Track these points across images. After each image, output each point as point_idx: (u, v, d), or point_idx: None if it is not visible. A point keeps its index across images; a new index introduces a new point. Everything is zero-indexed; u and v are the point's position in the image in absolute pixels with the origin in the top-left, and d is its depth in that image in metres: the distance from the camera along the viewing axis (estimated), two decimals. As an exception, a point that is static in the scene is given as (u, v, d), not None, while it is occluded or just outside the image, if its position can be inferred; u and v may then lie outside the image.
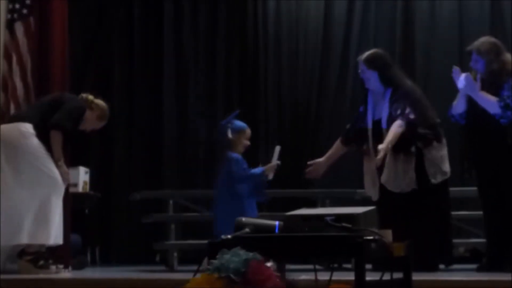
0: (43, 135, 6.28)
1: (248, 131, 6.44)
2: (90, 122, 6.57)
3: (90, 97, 6.61)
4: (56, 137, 6.26)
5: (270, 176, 6.28)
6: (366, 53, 6.49)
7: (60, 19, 6.90)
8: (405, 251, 3.82)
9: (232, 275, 3.17)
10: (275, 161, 6.31)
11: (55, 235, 6.32)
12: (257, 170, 6.30)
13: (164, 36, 9.01)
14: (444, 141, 6.59)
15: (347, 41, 8.74)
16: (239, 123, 6.42)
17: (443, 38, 8.53)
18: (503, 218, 6.33)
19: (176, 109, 8.96)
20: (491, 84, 6.30)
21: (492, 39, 6.50)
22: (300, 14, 8.86)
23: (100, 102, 6.63)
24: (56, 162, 6.28)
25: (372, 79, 6.40)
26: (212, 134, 8.89)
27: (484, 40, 6.47)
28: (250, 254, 3.27)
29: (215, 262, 3.27)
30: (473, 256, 7.27)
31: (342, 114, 8.49)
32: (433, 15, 8.57)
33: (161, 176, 8.83)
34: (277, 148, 6.38)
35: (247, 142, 6.40)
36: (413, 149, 6.42)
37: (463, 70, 8.43)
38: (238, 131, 6.37)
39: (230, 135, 6.28)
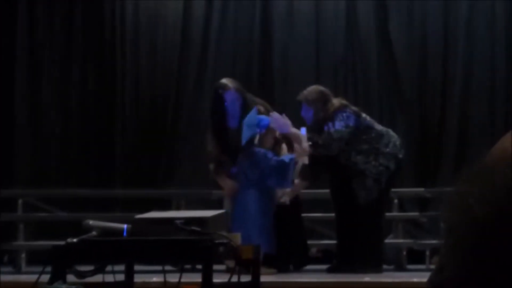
0: None
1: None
2: None
3: None
4: None
5: (305, 160, 6.30)
6: None
7: None
8: (254, 253, 3.83)
9: None
10: (305, 143, 6.30)
11: None
12: (285, 157, 6.32)
13: (18, 28, 8.72)
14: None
15: (206, 37, 8.70)
16: (265, 119, 6.41)
17: (301, 36, 8.63)
18: (353, 219, 6.47)
19: (29, 103, 8.69)
20: (318, 131, 6.45)
21: (319, 88, 6.63)
22: (159, 10, 8.76)
23: None
24: None
25: None
26: (67, 130, 8.68)
27: (312, 89, 6.59)
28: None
29: None
30: (325, 257, 7.39)
31: (200, 111, 8.40)
32: (291, 14, 8.66)
33: (12, 174, 8.55)
34: (303, 130, 6.37)
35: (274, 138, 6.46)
36: None
37: (321, 70, 8.60)
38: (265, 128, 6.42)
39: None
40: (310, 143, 6.29)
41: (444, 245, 0.88)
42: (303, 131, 6.41)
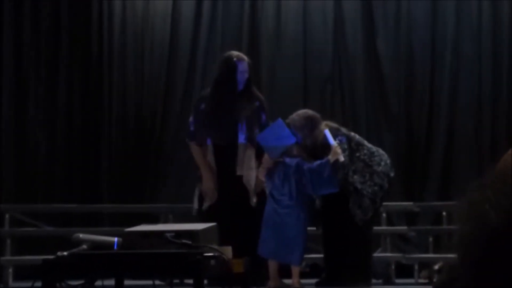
0: None
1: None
2: None
3: None
4: None
5: (341, 158, 6.23)
6: None
7: None
8: (244, 267, 3.81)
9: None
10: (333, 142, 6.26)
11: None
12: (317, 162, 6.28)
13: (4, 42, 8.68)
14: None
15: (195, 48, 8.68)
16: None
17: (288, 53, 8.64)
18: (342, 233, 6.46)
19: (14, 119, 8.64)
20: (308, 155, 6.49)
21: (308, 114, 6.60)
22: (146, 20, 8.74)
23: None
24: None
25: None
26: (52, 146, 8.63)
27: (300, 114, 6.59)
28: None
29: None
30: (313, 271, 7.37)
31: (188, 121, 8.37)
32: (278, 30, 8.67)
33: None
34: (327, 132, 6.33)
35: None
36: None
37: (308, 86, 8.61)
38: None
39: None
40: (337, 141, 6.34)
41: (456, 257, 0.86)
42: (326, 132, 6.41)
